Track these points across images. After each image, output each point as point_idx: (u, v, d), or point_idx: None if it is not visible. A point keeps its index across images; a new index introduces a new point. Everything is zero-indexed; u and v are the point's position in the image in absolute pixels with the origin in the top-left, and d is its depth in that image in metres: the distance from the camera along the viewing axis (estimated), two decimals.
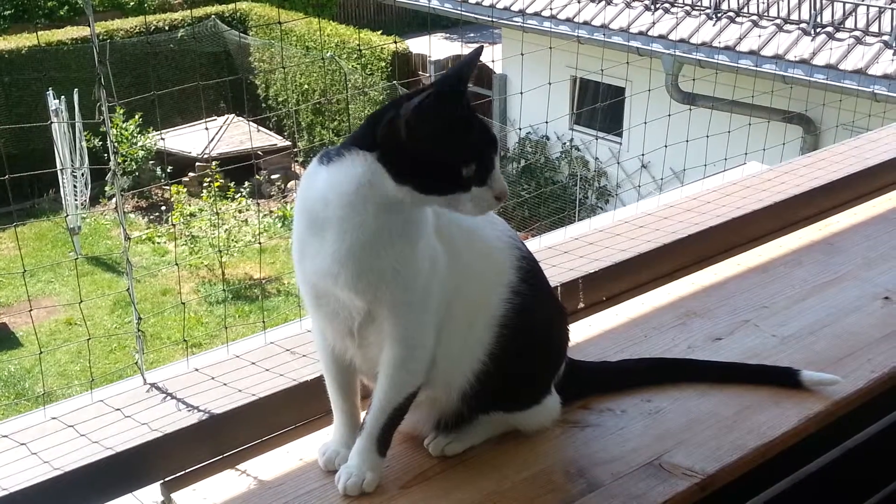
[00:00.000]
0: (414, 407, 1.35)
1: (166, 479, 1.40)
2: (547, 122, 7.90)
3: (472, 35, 14.97)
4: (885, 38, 7.22)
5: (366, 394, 1.37)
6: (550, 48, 2.24)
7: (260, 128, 13.10)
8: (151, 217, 11.59)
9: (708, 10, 8.21)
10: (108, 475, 1.36)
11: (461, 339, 1.32)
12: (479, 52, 1.23)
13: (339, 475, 1.33)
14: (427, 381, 1.32)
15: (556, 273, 1.83)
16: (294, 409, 1.51)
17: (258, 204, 11.12)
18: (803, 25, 7.66)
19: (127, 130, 11.44)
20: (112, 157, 1.58)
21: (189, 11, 13.93)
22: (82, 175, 10.70)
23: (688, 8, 8.36)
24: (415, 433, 1.42)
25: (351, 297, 1.23)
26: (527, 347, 1.37)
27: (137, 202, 11.92)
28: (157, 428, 1.41)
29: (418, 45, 12.92)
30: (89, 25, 1.37)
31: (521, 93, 2.04)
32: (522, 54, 2.06)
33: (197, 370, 1.56)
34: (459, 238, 1.30)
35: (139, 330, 1.56)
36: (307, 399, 1.51)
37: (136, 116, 11.41)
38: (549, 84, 2.05)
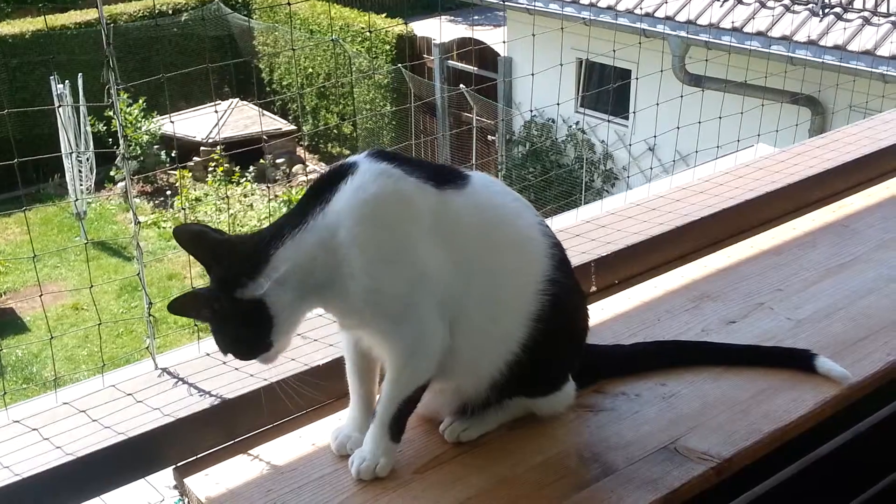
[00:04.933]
0: (437, 393, 1.35)
1: (179, 464, 1.40)
2: (559, 104, 7.85)
3: (476, 17, 14.88)
4: (894, 18, 7.16)
5: (382, 377, 1.36)
6: (562, 29, 2.21)
7: (265, 112, 13.07)
8: (157, 202, 11.59)
9: None
10: (120, 460, 1.36)
11: (486, 334, 1.31)
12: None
13: (353, 460, 1.33)
14: (449, 373, 1.31)
15: (568, 256, 1.81)
16: (306, 394, 1.50)
17: (269, 188, 11.11)
18: (811, 6, 7.59)
19: (131, 115, 11.41)
20: (121, 141, 1.56)
21: None
22: (87, 160, 10.69)
23: None
24: (435, 417, 1.41)
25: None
26: (559, 337, 1.36)
27: (143, 187, 11.91)
28: (169, 413, 1.40)
29: (422, 27, 12.85)
30: (97, 7, 1.36)
31: (532, 74, 2.02)
32: (534, 35, 2.04)
33: (208, 354, 1.55)
34: (477, 243, 1.28)
35: (150, 315, 1.56)
36: (319, 383, 1.50)
37: (140, 100, 11.38)
38: (561, 65, 2.02)
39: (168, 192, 11.61)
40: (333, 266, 1.21)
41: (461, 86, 11.01)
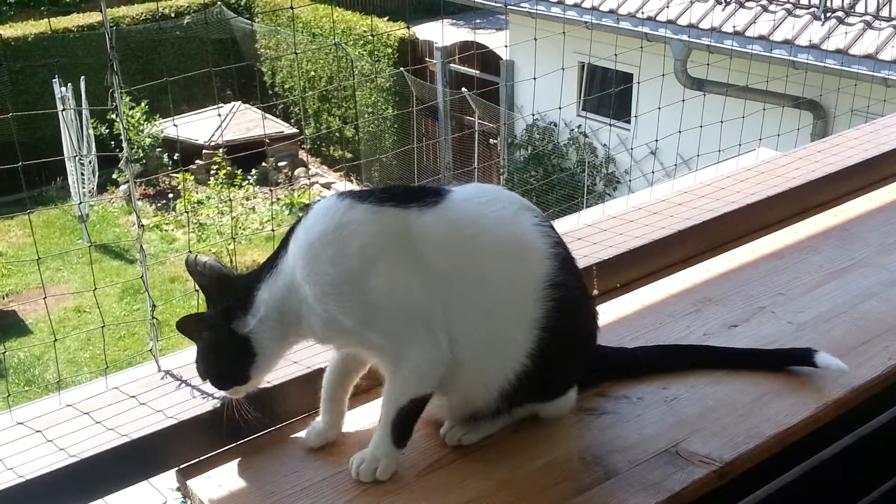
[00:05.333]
0: (445, 402, 1.37)
1: (182, 467, 1.40)
2: (560, 108, 7.86)
3: (478, 21, 14.90)
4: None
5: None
6: (564, 33, 2.21)
7: (267, 115, 13.10)
8: (159, 205, 11.61)
9: None
10: (123, 462, 1.36)
11: (489, 347, 1.31)
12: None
13: (353, 461, 1.34)
14: (457, 386, 1.32)
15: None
16: (308, 397, 1.50)
17: (272, 191, 11.14)
18: (813, 10, 7.60)
19: (133, 118, 11.43)
20: (124, 144, 1.57)
21: None
22: (90, 163, 10.72)
23: None
24: (441, 421, 1.42)
25: None
26: (568, 341, 1.35)
27: (145, 190, 11.93)
28: (172, 415, 1.41)
29: (424, 31, 12.87)
30: (101, 11, 1.36)
31: (535, 78, 2.03)
32: (536, 39, 2.04)
33: None
34: (457, 258, 1.28)
35: (153, 317, 1.56)
36: (321, 386, 1.50)
37: (143, 104, 11.40)
38: (563, 69, 2.02)
39: (170, 195, 11.63)
40: (298, 304, 1.29)
41: (463, 89, 11.02)
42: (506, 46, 10.44)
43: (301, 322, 1.30)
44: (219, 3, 13.70)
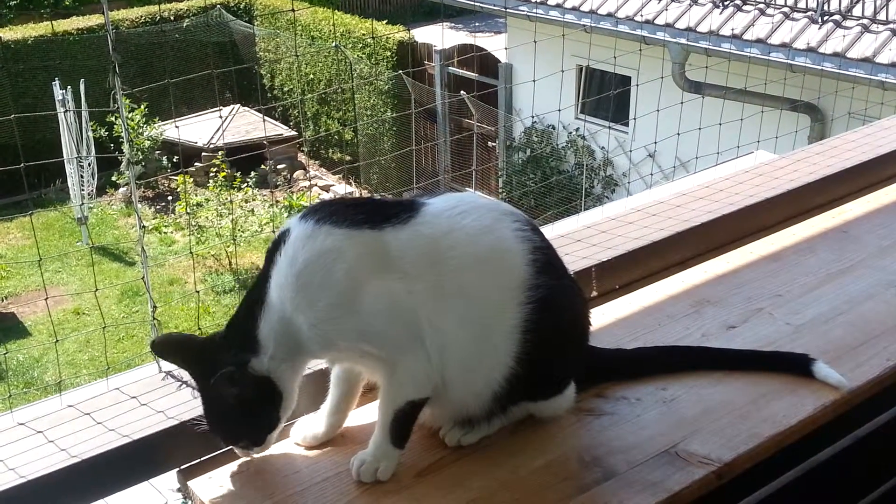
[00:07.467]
0: (441, 409, 1.38)
1: (183, 467, 1.40)
2: (559, 111, 7.88)
3: (477, 24, 14.93)
4: (893, 26, 7.19)
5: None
6: (563, 36, 2.22)
7: (266, 118, 13.11)
8: (158, 207, 11.61)
9: None
10: (124, 463, 1.37)
11: (475, 355, 1.32)
12: None
13: (353, 461, 1.34)
14: (449, 396, 1.34)
15: (569, 261, 1.82)
16: (309, 398, 1.50)
17: (273, 193, 11.16)
18: (811, 13, 7.62)
19: (133, 120, 11.44)
20: (126, 146, 1.58)
21: (194, 1, 13.89)
22: (89, 165, 10.72)
23: None
24: (437, 426, 1.43)
25: None
26: (555, 340, 1.36)
27: (144, 192, 11.93)
28: (173, 416, 1.41)
29: (423, 34, 12.90)
30: (104, 14, 1.37)
31: (534, 80, 2.04)
32: (535, 41, 2.05)
33: None
34: (435, 272, 1.29)
35: (154, 318, 1.57)
36: (322, 388, 1.51)
37: (142, 106, 11.41)
38: (562, 72, 2.03)
39: (169, 198, 11.63)
40: (297, 332, 1.29)
41: (462, 92, 11.04)
42: (504, 49, 10.46)
43: (303, 348, 1.31)
44: (218, 6, 13.70)
